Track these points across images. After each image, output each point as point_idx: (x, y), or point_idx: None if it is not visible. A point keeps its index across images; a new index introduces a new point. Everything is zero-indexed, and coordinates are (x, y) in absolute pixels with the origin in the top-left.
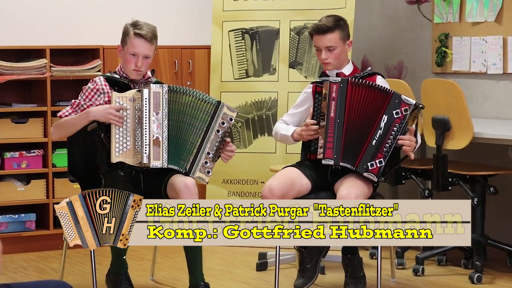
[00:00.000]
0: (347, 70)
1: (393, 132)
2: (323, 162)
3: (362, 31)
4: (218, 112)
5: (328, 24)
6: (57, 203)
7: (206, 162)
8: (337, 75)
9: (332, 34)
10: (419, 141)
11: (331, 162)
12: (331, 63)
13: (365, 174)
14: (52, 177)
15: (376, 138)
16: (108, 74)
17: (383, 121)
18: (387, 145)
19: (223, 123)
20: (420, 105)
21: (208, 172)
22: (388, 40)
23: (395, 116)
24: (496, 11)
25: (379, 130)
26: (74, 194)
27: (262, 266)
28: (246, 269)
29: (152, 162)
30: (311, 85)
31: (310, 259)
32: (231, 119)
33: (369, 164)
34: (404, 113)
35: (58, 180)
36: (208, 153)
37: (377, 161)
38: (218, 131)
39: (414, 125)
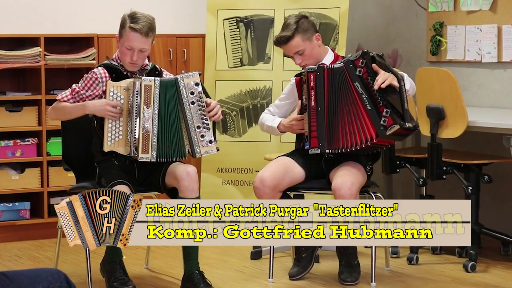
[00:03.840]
0: (328, 59)
1: (372, 86)
2: (310, 151)
3: (356, 20)
4: (179, 87)
5: (286, 33)
6: (52, 192)
7: (202, 136)
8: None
9: (293, 40)
10: (404, 75)
11: (318, 151)
12: (308, 63)
13: (388, 132)
14: (47, 166)
15: (368, 102)
16: (106, 62)
17: (358, 87)
18: (379, 98)
19: (192, 92)
20: (373, 53)
21: (211, 141)
22: (382, 29)
23: (360, 74)
24: (491, 0)
25: (363, 95)
26: (68, 182)
27: (256, 254)
28: (241, 258)
29: (141, 155)
30: (295, 77)
31: (306, 249)
32: (197, 84)
33: (381, 123)
34: (363, 66)
35: (52, 169)
36: (199, 127)
37: (383, 113)
38: (193, 102)
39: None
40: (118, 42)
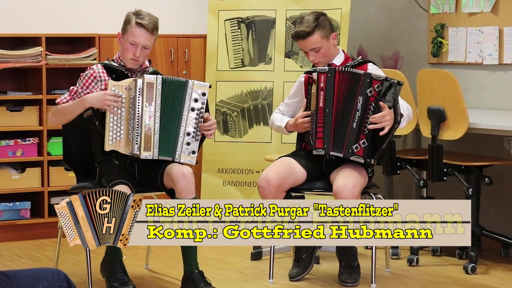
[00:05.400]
0: (338, 60)
1: (370, 112)
2: (314, 152)
3: (358, 21)
4: (187, 89)
5: (306, 28)
6: (52, 192)
7: (188, 143)
8: (329, 65)
9: (312, 36)
10: (406, 114)
11: (322, 152)
12: (321, 61)
13: (352, 158)
14: (47, 165)
15: (356, 121)
16: (106, 62)
17: (359, 102)
18: (367, 125)
19: (196, 100)
20: (394, 81)
21: (193, 152)
22: (384, 30)
23: (369, 94)
24: (492, 2)
25: (357, 112)
26: (69, 182)
27: (256, 255)
28: (241, 258)
29: (143, 153)
30: (304, 74)
31: (306, 250)
32: (203, 94)
33: (353, 147)
34: (377, 90)
35: (53, 169)
36: (189, 134)
37: (360, 142)
38: (193, 109)
39: (389, 103)
40: (120, 40)
